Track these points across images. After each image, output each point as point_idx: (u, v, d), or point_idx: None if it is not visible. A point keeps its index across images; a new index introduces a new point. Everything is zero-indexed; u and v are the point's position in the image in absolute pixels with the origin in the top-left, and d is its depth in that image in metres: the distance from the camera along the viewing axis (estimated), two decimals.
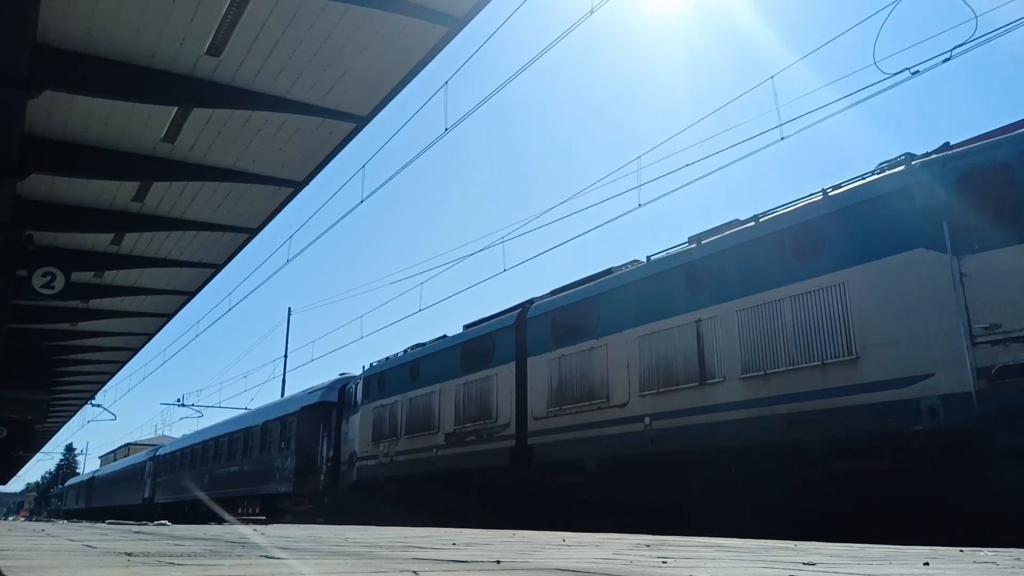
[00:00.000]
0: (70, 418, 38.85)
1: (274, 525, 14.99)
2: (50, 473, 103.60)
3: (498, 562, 3.71)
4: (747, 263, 8.88)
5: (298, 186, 11.57)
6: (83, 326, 18.33)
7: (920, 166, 7.43)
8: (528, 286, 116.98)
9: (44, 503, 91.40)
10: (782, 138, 9.71)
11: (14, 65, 7.21)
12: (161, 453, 34.37)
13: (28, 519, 52.58)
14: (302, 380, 36.31)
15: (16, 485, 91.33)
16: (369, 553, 4.42)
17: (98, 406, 33.06)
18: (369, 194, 15.34)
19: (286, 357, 33.33)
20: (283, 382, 32.98)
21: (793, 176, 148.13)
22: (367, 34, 8.08)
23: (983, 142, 7.24)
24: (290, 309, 36.06)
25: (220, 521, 20.55)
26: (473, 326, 14.47)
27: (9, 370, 19.02)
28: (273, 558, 3.92)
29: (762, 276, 8.63)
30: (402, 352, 16.78)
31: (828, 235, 8.04)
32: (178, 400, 36.25)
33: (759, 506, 8.16)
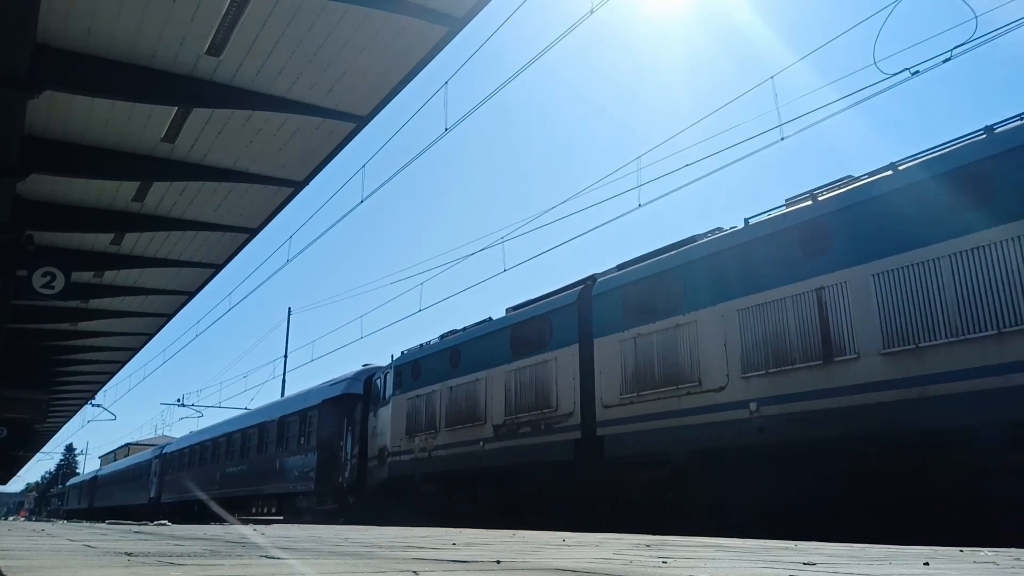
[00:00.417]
0: (70, 418, 38.88)
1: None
2: (50, 473, 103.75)
3: (498, 562, 3.71)
4: (886, 217, 7.62)
5: (298, 186, 11.57)
6: (83, 326, 18.33)
7: None
8: (528, 286, 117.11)
9: (44, 503, 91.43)
10: (782, 138, 9.71)
11: (14, 65, 7.21)
12: (168, 451, 33.38)
13: (28, 519, 52.56)
14: (302, 380, 36.33)
15: (16, 485, 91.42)
16: (369, 553, 4.42)
17: (98, 406, 33.09)
18: (369, 194, 15.34)
19: (286, 357, 33.35)
20: (283, 382, 33.01)
21: (793, 176, 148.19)
22: (367, 34, 8.08)
23: None
24: (290, 309, 36.08)
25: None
26: (521, 307, 13.26)
27: (9, 370, 19.02)
28: (273, 558, 3.92)
29: (909, 232, 7.35)
30: (437, 339, 15.57)
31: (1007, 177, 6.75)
32: (178, 400, 36.29)
33: (909, 506, 6.94)
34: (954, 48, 7.77)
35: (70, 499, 59.51)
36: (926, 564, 3.65)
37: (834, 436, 7.62)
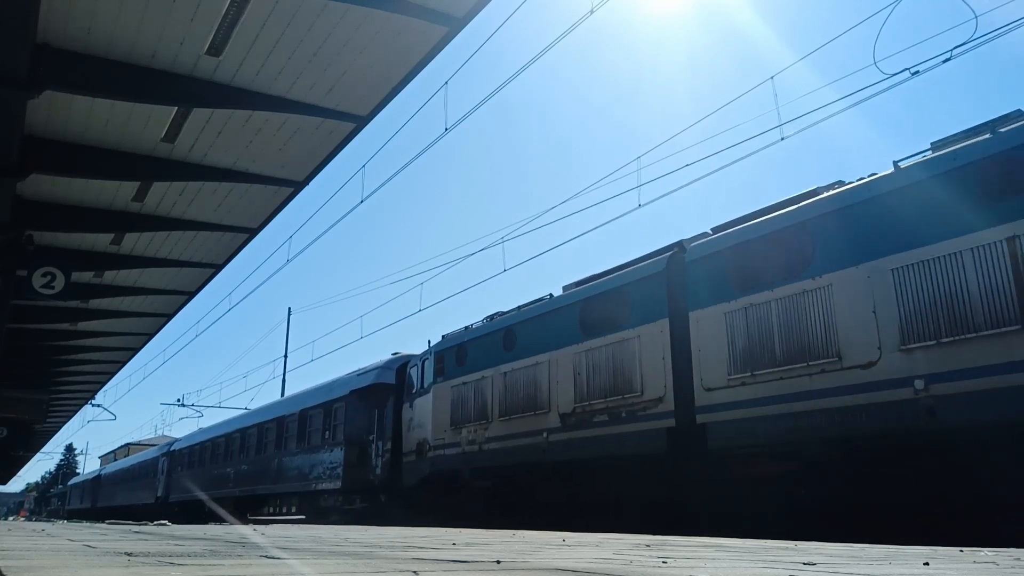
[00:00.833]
0: (70, 418, 38.91)
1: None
2: (50, 473, 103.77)
3: (498, 562, 3.71)
4: None
5: (298, 186, 11.58)
6: (83, 326, 18.35)
7: None
8: (528, 286, 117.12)
9: (44, 503, 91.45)
10: (782, 138, 9.70)
11: (14, 65, 7.21)
12: (177, 448, 31.84)
13: (28, 519, 52.55)
14: (302, 380, 36.35)
15: (16, 485, 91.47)
16: (369, 553, 4.42)
17: (98, 406, 33.10)
18: (369, 194, 15.37)
19: (286, 357, 33.37)
20: (283, 382, 33.01)
21: (793, 176, 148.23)
22: (367, 34, 8.08)
23: None
24: (290, 309, 36.13)
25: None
26: (586, 282, 11.81)
27: (9, 370, 19.02)
28: (273, 558, 3.92)
29: None
30: (482, 321, 14.22)
31: None
32: (178, 400, 36.32)
33: None
34: (954, 48, 7.76)
35: (72, 499, 58.09)
36: (926, 564, 3.65)
37: None
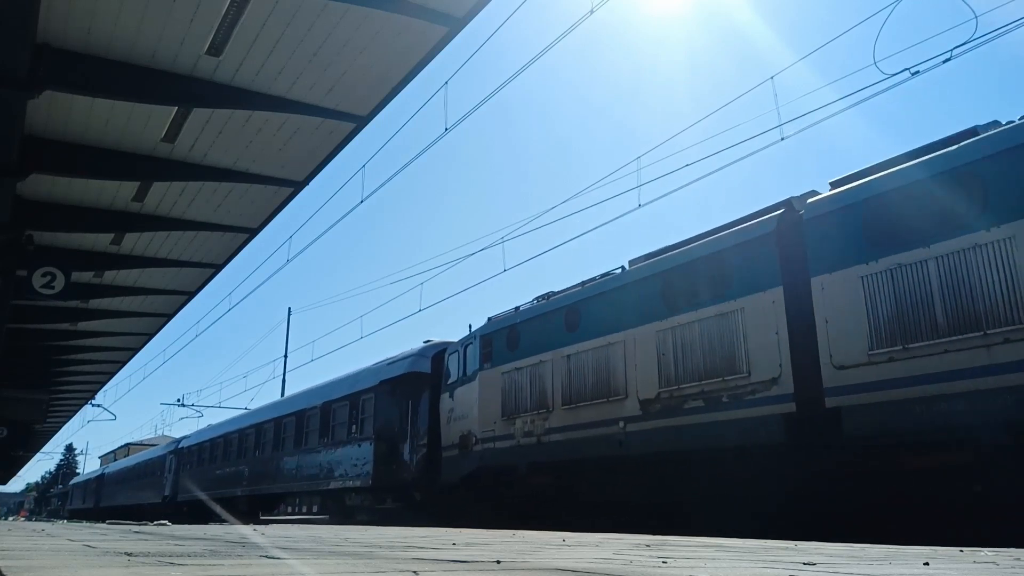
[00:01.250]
0: (70, 418, 38.91)
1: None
2: (50, 473, 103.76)
3: (498, 562, 3.71)
4: None
5: (298, 186, 11.57)
6: (83, 326, 18.34)
7: None
8: (528, 286, 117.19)
9: (44, 503, 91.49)
10: (782, 138, 9.69)
11: (14, 65, 7.21)
12: (186, 445, 30.50)
13: (28, 519, 52.54)
14: (302, 380, 36.33)
15: (16, 485, 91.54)
16: (369, 553, 4.42)
17: (98, 406, 33.09)
18: (369, 194, 15.33)
19: (286, 357, 33.36)
20: (283, 382, 32.99)
21: (793, 176, 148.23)
22: (367, 34, 8.08)
23: None
24: (290, 309, 36.11)
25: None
26: (663, 253, 10.47)
27: (9, 370, 19.02)
28: (273, 558, 3.92)
29: None
30: (534, 301, 13.03)
31: None
32: (178, 400, 36.32)
33: None
34: (954, 48, 7.75)
35: (74, 498, 56.86)
36: (926, 564, 3.65)
37: None
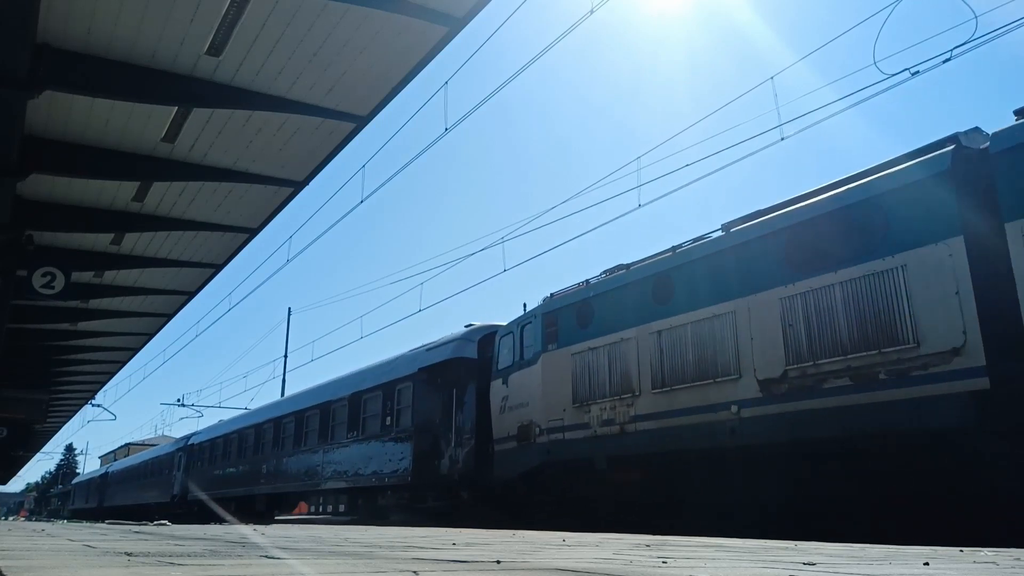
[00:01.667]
0: (70, 418, 38.93)
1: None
2: (50, 473, 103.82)
3: (498, 562, 3.71)
4: None
5: (298, 186, 11.58)
6: (83, 326, 18.35)
7: None
8: (528, 286, 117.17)
9: (44, 503, 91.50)
10: (782, 138, 9.68)
11: (14, 65, 7.21)
12: (196, 441, 29.20)
13: (28, 519, 52.52)
14: (302, 380, 36.33)
15: (16, 485, 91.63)
16: (369, 553, 4.42)
17: (98, 406, 33.10)
18: (369, 194, 15.35)
19: (286, 357, 33.36)
20: (283, 382, 32.99)
21: (793, 176, 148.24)
22: (367, 34, 8.08)
23: None
24: (290, 309, 36.10)
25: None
26: (765, 213, 9.08)
27: (9, 370, 19.03)
28: (273, 558, 3.92)
29: None
30: (603, 275, 11.49)
31: None
32: (178, 400, 36.36)
33: None
34: (954, 48, 7.73)
35: (77, 498, 55.50)
36: (926, 564, 3.65)
37: None
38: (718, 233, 9.76)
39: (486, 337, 14.50)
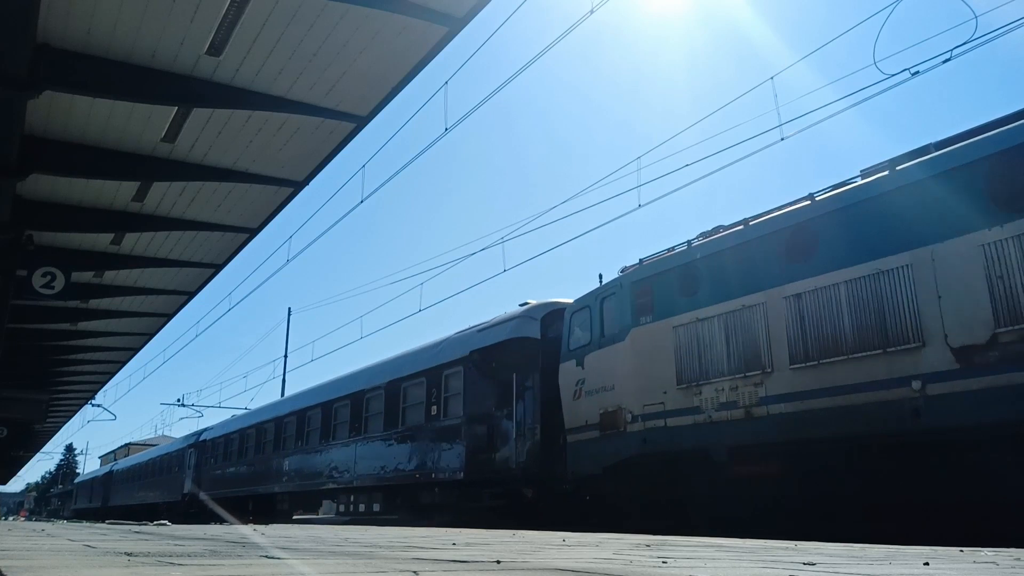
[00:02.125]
0: (70, 418, 38.89)
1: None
2: (50, 473, 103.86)
3: (498, 562, 3.71)
4: None
5: (298, 186, 11.57)
6: (83, 326, 18.34)
7: None
8: (528, 286, 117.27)
9: (44, 503, 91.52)
10: (782, 138, 9.65)
11: (14, 65, 7.21)
12: (209, 437, 27.57)
13: (28, 519, 52.51)
14: (302, 380, 36.30)
15: (16, 485, 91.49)
16: (369, 553, 4.42)
17: (98, 406, 33.08)
18: (369, 194, 15.30)
19: (286, 357, 33.32)
20: (283, 382, 32.95)
21: (793, 176, 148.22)
22: (367, 34, 8.08)
23: None
24: (290, 309, 36.07)
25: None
26: (927, 151, 7.49)
27: (9, 370, 19.03)
28: (273, 558, 3.92)
29: None
30: (696, 238, 10.05)
31: None
32: (178, 400, 36.35)
33: None
34: (954, 48, 7.70)
35: (79, 498, 54.47)
36: (926, 564, 3.65)
37: None
38: (860, 180, 8.06)
39: (551, 314, 12.91)
